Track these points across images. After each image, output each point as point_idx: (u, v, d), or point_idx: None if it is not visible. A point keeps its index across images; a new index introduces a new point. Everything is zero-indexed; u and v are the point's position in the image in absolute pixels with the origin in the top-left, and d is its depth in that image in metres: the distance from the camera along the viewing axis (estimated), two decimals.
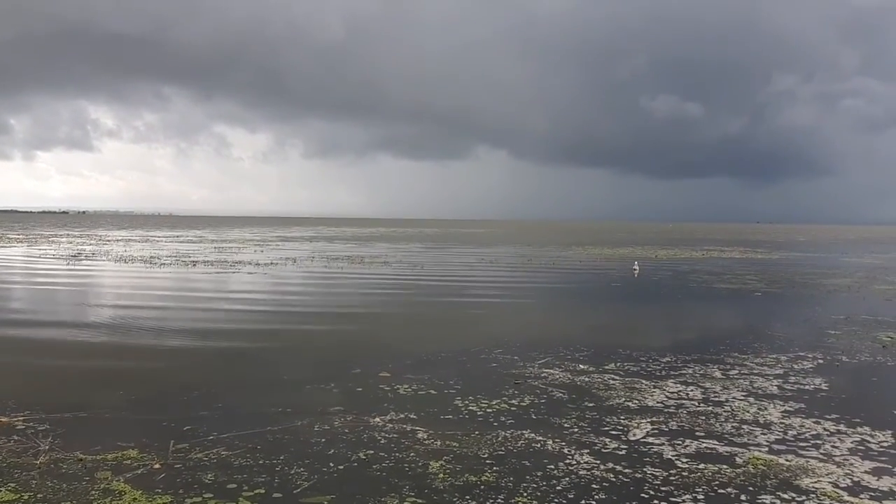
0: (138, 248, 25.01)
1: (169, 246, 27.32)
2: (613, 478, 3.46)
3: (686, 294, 12.57)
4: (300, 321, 8.94)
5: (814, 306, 10.77)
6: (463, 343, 7.01)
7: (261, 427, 4.17)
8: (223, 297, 11.38)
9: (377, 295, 11.83)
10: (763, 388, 5.28)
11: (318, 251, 25.14)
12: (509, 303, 11.36)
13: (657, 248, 29.94)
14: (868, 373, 5.95)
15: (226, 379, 5.54)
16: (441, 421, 4.37)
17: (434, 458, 3.69)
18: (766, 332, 7.96)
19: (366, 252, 24.99)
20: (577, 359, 6.29)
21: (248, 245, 29.19)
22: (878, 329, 8.18)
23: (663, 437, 4.12)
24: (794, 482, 3.41)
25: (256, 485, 3.32)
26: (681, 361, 6.24)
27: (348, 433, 4.10)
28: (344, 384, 5.25)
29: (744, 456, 3.78)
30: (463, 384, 5.29)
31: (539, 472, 3.52)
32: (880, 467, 3.62)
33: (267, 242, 32.25)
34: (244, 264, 17.98)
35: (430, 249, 28.45)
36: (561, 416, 4.51)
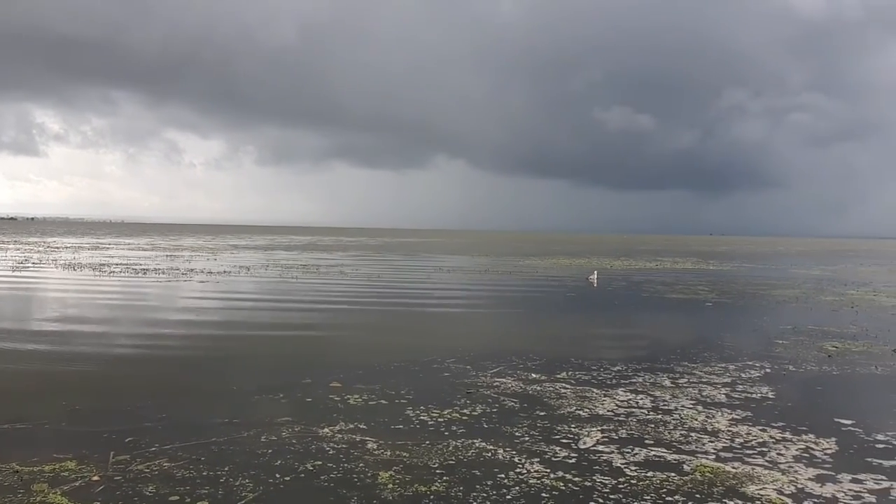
0: (87, 256, 24.44)
1: (119, 253, 26.74)
2: (563, 486, 3.46)
3: (639, 304, 12.71)
4: (252, 330, 8.80)
5: (762, 316, 10.97)
6: (416, 353, 6.97)
7: (205, 438, 4.08)
8: (173, 306, 11.16)
9: (331, 304, 11.72)
10: (711, 397, 5.34)
11: (273, 260, 24.85)
12: (464, 313, 11.35)
13: (612, 259, 30.27)
14: (814, 382, 6.07)
15: (172, 389, 5.40)
16: (391, 431, 4.32)
17: (383, 469, 3.65)
18: (715, 342, 8.07)
19: (321, 261, 24.79)
20: (530, 368, 6.30)
21: (201, 253, 28.73)
22: (824, 339, 8.36)
23: (613, 445, 4.13)
24: (740, 489, 3.44)
25: (199, 497, 3.23)
26: (631, 370, 6.29)
27: (296, 444, 4.03)
28: (293, 394, 5.17)
29: (691, 463, 3.81)
30: (415, 394, 5.25)
31: (489, 482, 3.50)
32: (824, 474, 3.68)
33: (220, 250, 31.78)
34: (196, 272, 17.68)
35: (387, 259, 28.34)
36: (512, 425, 4.49)
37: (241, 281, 15.88)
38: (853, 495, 3.39)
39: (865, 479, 3.62)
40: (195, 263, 21.46)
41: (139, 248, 32.43)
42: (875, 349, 7.67)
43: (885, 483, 3.56)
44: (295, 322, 9.60)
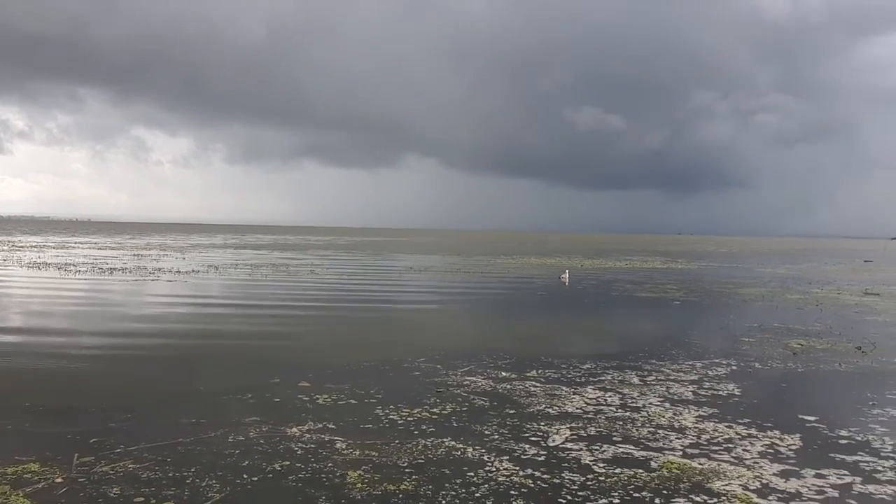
0: (53, 255, 24.03)
1: (85, 253, 26.33)
2: (532, 484, 3.47)
3: (608, 302, 12.81)
4: (219, 330, 8.72)
5: (729, 315, 11.11)
6: (386, 352, 6.95)
7: (172, 439, 4.02)
8: (140, 306, 11.01)
9: (300, 303, 11.64)
10: (678, 394, 5.40)
11: (242, 259, 24.64)
12: (435, 312, 11.35)
13: (583, 259, 30.46)
14: (779, 379, 6.16)
15: (138, 390, 5.33)
16: (361, 430, 4.31)
17: (352, 468, 3.63)
18: (683, 340, 8.16)
19: (291, 260, 24.62)
20: (500, 366, 6.31)
21: (169, 252, 28.38)
22: (790, 337, 8.48)
23: (582, 442, 4.15)
24: (707, 485, 3.48)
25: (165, 498, 3.19)
26: (600, 368, 6.33)
27: (264, 444, 4.00)
28: (261, 394, 5.13)
29: (659, 460, 3.84)
30: (384, 393, 5.24)
31: (458, 480, 3.50)
32: (788, 470, 3.73)
33: (188, 249, 31.43)
34: (164, 272, 17.46)
35: (358, 258, 28.23)
36: (482, 424, 4.50)
37: (209, 280, 15.72)
38: (817, 490, 3.45)
39: (828, 474, 3.68)
40: (163, 263, 21.20)
41: (106, 247, 31.96)
42: (839, 346, 7.81)
43: (847, 478, 3.62)
44: (264, 322, 9.52)
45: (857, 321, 10.19)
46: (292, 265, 21.63)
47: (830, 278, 20.38)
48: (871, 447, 4.15)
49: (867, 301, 13.38)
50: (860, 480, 3.59)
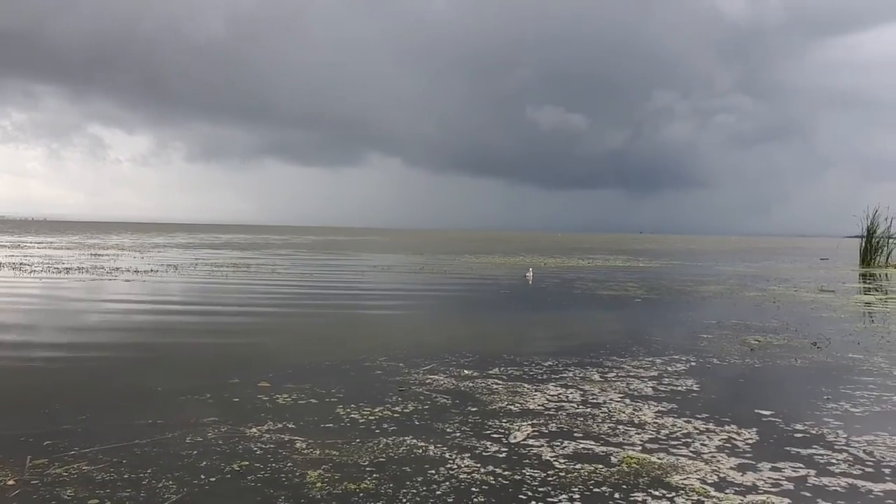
0: (6, 254, 23.47)
1: (41, 252, 25.76)
2: (493, 480, 3.47)
3: (570, 300, 12.90)
4: (178, 330, 8.59)
5: (688, 312, 11.26)
6: (348, 351, 6.92)
7: (128, 440, 3.95)
8: (96, 306, 10.80)
9: (261, 303, 11.53)
10: (638, 390, 5.45)
11: (202, 258, 24.31)
12: (398, 311, 11.32)
13: (546, 257, 30.65)
14: (736, 374, 6.25)
15: (93, 392, 5.23)
16: (321, 430, 4.27)
17: (312, 468, 3.60)
18: (643, 337, 8.24)
19: (253, 259, 24.37)
20: (462, 364, 6.32)
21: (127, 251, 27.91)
22: (747, 333, 8.62)
23: (543, 438, 4.17)
24: (665, 479, 3.51)
25: (120, 500, 3.13)
26: (562, 365, 6.37)
27: (222, 444, 3.94)
28: (220, 394, 5.06)
29: (618, 455, 3.87)
30: (345, 392, 5.21)
31: (419, 478, 3.49)
32: (745, 463, 3.79)
33: (147, 249, 30.93)
34: (122, 271, 17.16)
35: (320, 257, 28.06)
36: (444, 422, 4.50)
37: (168, 280, 15.48)
38: (772, 483, 3.50)
39: (784, 467, 3.74)
40: (121, 262, 20.84)
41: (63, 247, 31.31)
42: (795, 342, 7.96)
43: (802, 471, 3.69)
44: (224, 322, 9.41)
45: (813, 318, 10.40)
46: (253, 264, 21.41)
47: (787, 276, 20.78)
48: (826, 440, 4.23)
49: (822, 298, 13.66)
50: (815, 473, 3.66)
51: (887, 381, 5.92)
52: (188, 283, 14.97)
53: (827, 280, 19.03)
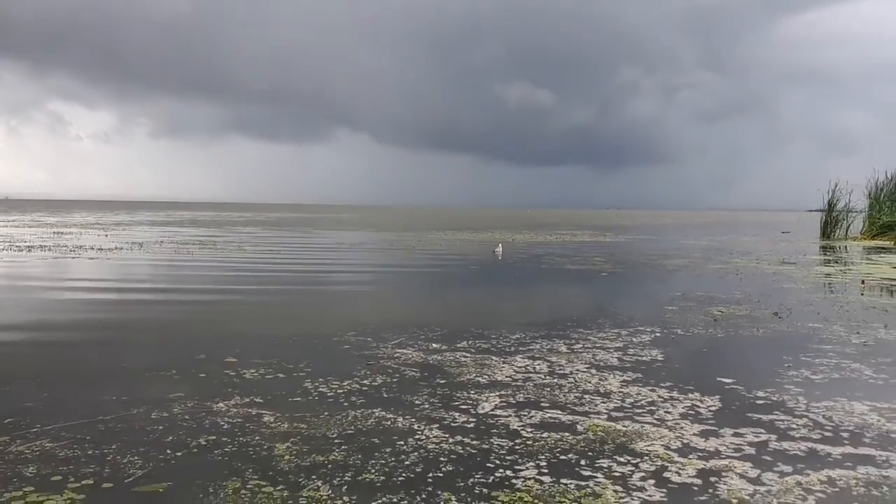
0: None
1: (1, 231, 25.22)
2: (461, 450, 3.50)
3: (539, 275, 12.97)
4: (143, 308, 8.49)
5: (654, 284, 11.40)
6: (315, 327, 6.89)
7: (91, 417, 3.90)
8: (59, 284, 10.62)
9: (228, 280, 11.43)
10: (604, 361, 5.51)
11: (168, 236, 24.00)
12: (366, 287, 11.30)
13: (515, 233, 30.76)
14: (700, 344, 6.35)
15: (56, 369, 5.14)
16: (289, 403, 4.26)
17: (280, 441, 3.59)
18: (609, 309, 8.33)
19: (219, 237, 24.12)
20: (431, 338, 6.33)
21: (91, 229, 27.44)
22: (711, 304, 8.75)
23: (510, 409, 4.21)
24: (630, 446, 3.57)
25: (84, 476, 3.10)
26: (529, 338, 6.41)
27: (189, 419, 3.91)
28: (186, 371, 5.02)
29: (585, 424, 3.92)
30: (313, 367, 5.19)
31: (388, 449, 3.50)
32: (707, 430, 3.86)
33: (111, 227, 30.44)
34: (85, 249, 16.88)
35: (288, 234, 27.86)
36: (412, 394, 4.51)
37: (133, 257, 15.27)
38: (734, 448, 3.58)
39: (746, 432, 3.82)
40: (85, 240, 20.49)
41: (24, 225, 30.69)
42: (757, 313, 8.09)
43: (763, 436, 3.77)
44: (190, 298, 9.31)
45: (775, 289, 10.58)
46: (220, 242, 21.19)
47: (750, 249, 21.10)
48: (786, 406, 4.32)
49: (784, 270, 13.90)
50: (775, 438, 3.74)
51: (846, 349, 6.06)
52: (153, 260, 14.78)
53: (788, 253, 19.36)
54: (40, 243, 18.68)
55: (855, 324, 7.37)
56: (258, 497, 2.90)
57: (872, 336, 6.69)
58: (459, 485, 3.06)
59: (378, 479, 3.11)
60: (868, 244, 23.57)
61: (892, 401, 4.46)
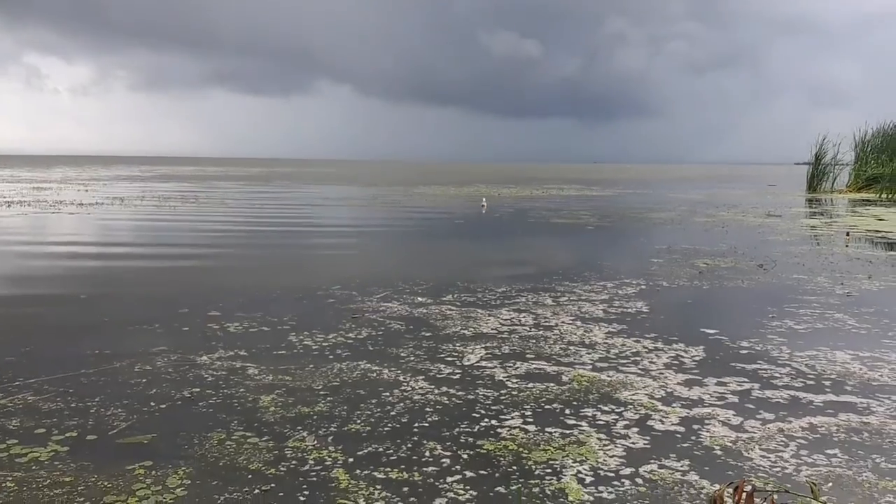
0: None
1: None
2: (447, 400, 3.50)
3: (525, 229, 12.96)
4: (125, 262, 8.42)
5: (640, 238, 11.42)
6: (300, 281, 6.86)
7: (74, 370, 3.87)
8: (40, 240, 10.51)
9: (210, 235, 11.34)
10: (590, 313, 5.52)
11: (149, 191, 23.76)
12: (351, 241, 11.25)
13: (501, 187, 30.67)
14: (685, 296, 6.37)
15: (37, 324, 5.10)
16: (274, 356, 4.25)
17: (265, 393, 3.58)
18: (595, 262, 8.34)
19: (201, 191, 23.91)
20: (416, 292, 6.31)
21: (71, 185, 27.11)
22: (696, 257, 8.77)
23: (496, 360, 4.21)
24: (614, 395, 3.58)
25: (68, 428, 3.07)
26: (515, 291, 6.41)
27: (172, 372, 3.89)
28: (169, 324, 4.98)
29: (569, 374, 3.93)
30: (298, 320, 5.17)
31: (374, 400, 3.50)
32: (691, 379, 3.88)
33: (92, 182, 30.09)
34: (66, 204, 16.69)
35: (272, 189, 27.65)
36: (398, 347, 4.50)
37: (114, 212, 15.11)
38: (718, 396, 3.60)
39: (729, 381, 3.85)
40: (65, 195, 20.25)
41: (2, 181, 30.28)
42: (742, 265, 8.13)
43: (746, 385, 3.79)
44: (172, 252, 9.24)
45: (760, 241, 10.62)
46: (202, 197, 21.01)
47: (736, 202, 21.16)
48: (770, 356, 4.35)
49: (770, 222, 13.96)
50: (758, 386, 3.76)
51: (830, 300, 6.10)
52: (135, 215, 14.63)
53: (774, 205, 19.43)
54: (19, 199, 18.45)
55: (839, 275, 7.42)
56: (243, 448, 2.89)
57: (856, 287, 6.74)
58: (445, 434, 3.07)
59: (364, 430, 3.11)
60: (854, 197, 23.69)
61: (874, 349, 4.50)
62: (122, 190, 24.29)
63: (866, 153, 26.83)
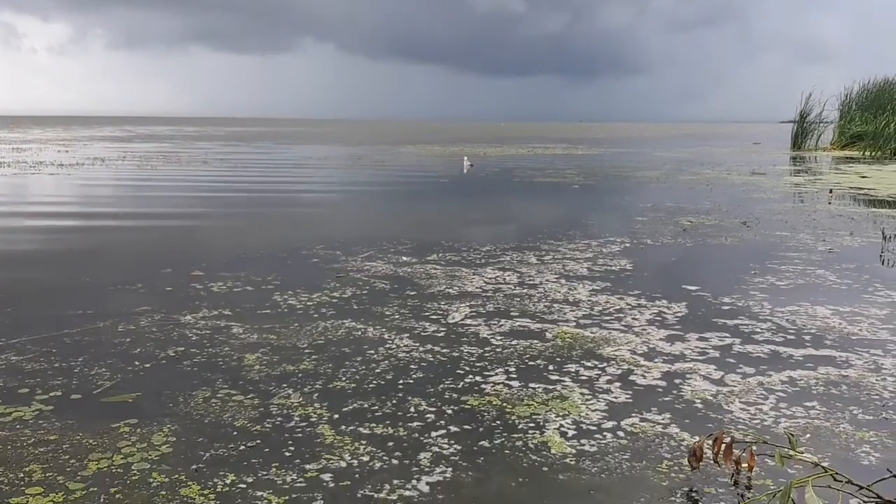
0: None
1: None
2: (432, 358, 3.52)
3: (509, 188, 12.94)
4: (106, 223, 8.34)
5: (624, 196, 11.44)
6: (283, 241, 6.83)
7: (57, 331, 3.85)
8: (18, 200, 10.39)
9: (193, 195, 11.25)
10: (574, 271, 5.55)
11: (130, 151, 23.48)
12: (334, 201, 11.20)
13: (486, 147, 30.53)
14: (669, 253, 6.40)
15: (18, 285, 5.06)
16: (258, 315, 4.24)
17: (250, 351, 3.58)
18: (580, 221, 8.35)
19: (184, 151, 23.64)
20: (401, 251, 6.30)
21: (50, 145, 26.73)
22: (680, 215, 8.81)
23: (480, 318, 4.23)
24: (597, 351, 3.61)
25: (52, 388, 3.07)
26: (500, 250, 6.41)
27: (156, 332, 3.88)
28: (152, 284, 4.96)
29: (553, 331, 3.96)
30: (282, 280, 5.16)
31: (359, 358, 3.51)
32: (673, 335, 3.92)
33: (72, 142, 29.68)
34: (46, 165, 16.47)
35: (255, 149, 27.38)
36: (382, 305, 4.51)
37: (95, 172, 14.94)
38: (699, 351, 3.64)
39: (711, 336, 3.89)
40: (45, 156, 19.97)
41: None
42: (726, 222, 8.17)
43: (728, 340, 3.83)
44: (153, 212, 9.17)
45: (744, 199, 10.67)
46: (184, 157, 20.79)
47: (721, 160, 21.19)
48: (751, 311, 4.40)
49: (754, 180, 14.01)
50: (739, 341, 3.81)
51: (812, 256, 6.15)
52: (116, 175, 14.48)
53: (759, 163, 19.48)
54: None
55: (821, 232, 7.47)
56: (228, 405, 2.90)
57: (838, 243, 6.79)
58: (429, 391, 3.09)
59: (349, 387, 3.12)
60: (838, 154, 23.78)
61: (853, 304, 4.55)
62: (102, 150, 23.98)
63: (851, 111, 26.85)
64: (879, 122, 23.33)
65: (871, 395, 3.05)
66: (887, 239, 6.85)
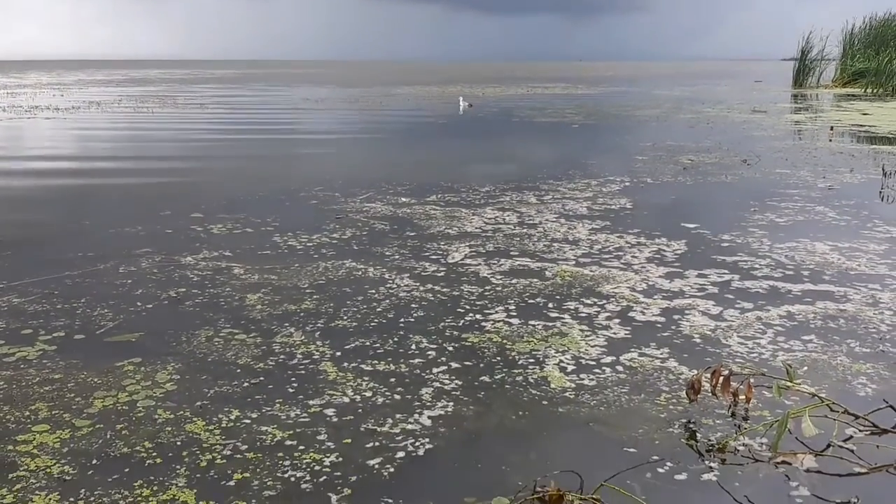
0: None
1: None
2: (432, 297, 3.53)
3: (508, 128, 12.83)
4: (104, 166, 8.29)
5: (625, 135, 11.35)
6: (282, 182, 6.80)
7: (58, 272, 3.86)
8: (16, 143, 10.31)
9: (190, 137, 11.16)
10: (573, 210, 5.54)
11: (126, 94, 23.20)
12: (331, 143, 11.11)
13: (484, 87, 30.15)
14: (669, 192, 6.39)
15: (17, 227, 5.07)
16: (258, 256, 4.25)
17: (251, 292, 3.60)
18: (579, 161, 8.29)
19: (179, 94, 23.37)
20: (400, 192, 6.28)
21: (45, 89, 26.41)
22: (681, 153, 8.75)
23: (480, 258, 4.24)
24: (597, 289, 3.63)
25: (55, 328, 3.09)
26: (499, 190, 6.39)
27: (157, 273, 3.90)
28: (152, 226, 4.96)
29: (553, 270, 3.97)
30: (282, 221, 5.15)
31: (360, 297, 3.53)
32: (672, 272, 3.93)
33: (67, 86, 29.32)
34: (41, 109, 16.30)
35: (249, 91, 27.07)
36: (382, 246, 4.51)
37: (91, 116, 14.79)
38: (698, 288, 3.66)
39: (710, 273, 3.90)
40: (40, 100, 19.75)
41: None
42: (726, 160, 8.13)
43: (726, 276, 3.85)
44: (151, 155, 9.12)
45: (745, 137, 10.59)
46: (180, 100, 20.55)
47: (721, 98, 20.97)
48: (750, 248, 4.41)
49: (755, 118, 13.88)
50: (738, 277, 3.82)
51: (811, 193, 6.14)
52: (112, 119, 14.34)
53: (760, 101, 19.27)
54: None
55: (822, 169, 7.44)
56: (231, 344, 2.93)
57: (838, 180, 6.77)
58: (430, 328, 3.11)
59: (350, 325, 3.15)
60: (839, 91, 23.52)
61: (852, 240, 4.56)
62: (97, 94, 23.72)
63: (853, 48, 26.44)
64: (882, 58, 23.00)
65: (868, 329, 3.08)
66: (887, 175, 6.82)
